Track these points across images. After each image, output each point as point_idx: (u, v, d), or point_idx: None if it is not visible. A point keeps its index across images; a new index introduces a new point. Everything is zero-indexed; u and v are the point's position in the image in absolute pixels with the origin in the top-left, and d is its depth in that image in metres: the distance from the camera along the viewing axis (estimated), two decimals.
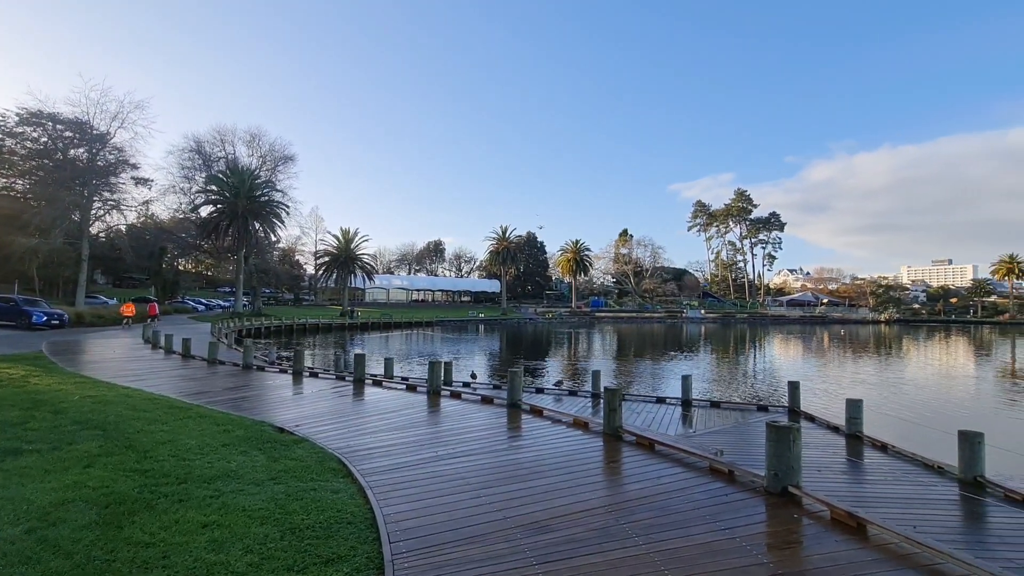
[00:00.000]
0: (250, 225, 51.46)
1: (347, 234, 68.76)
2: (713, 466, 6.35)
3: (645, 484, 5.86)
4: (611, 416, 7.91)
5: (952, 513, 6.59)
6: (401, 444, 7.54)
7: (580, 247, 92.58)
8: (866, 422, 10.59)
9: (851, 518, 4.74)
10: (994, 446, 8.31)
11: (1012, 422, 15.98)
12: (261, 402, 11.27)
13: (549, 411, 9.56)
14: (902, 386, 22.98)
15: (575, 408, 13.12)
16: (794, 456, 5.48)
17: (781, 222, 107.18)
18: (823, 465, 8.51)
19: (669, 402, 14.02)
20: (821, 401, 17.09)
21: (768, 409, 13.28)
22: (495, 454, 7.04)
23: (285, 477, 5.75)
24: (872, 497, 7.25)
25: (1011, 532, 6.01)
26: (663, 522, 4.79)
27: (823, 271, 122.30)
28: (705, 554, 4.17)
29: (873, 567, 4.05)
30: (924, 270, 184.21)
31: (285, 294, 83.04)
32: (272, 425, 8.54)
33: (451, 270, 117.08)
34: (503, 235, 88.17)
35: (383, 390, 12.56)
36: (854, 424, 10.33)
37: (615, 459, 6.93)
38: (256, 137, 62.14)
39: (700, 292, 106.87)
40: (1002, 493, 7.04)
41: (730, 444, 9.74)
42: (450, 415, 9.67)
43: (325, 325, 52.25)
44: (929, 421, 14.15)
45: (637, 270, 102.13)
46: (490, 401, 10.75)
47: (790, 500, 5.37)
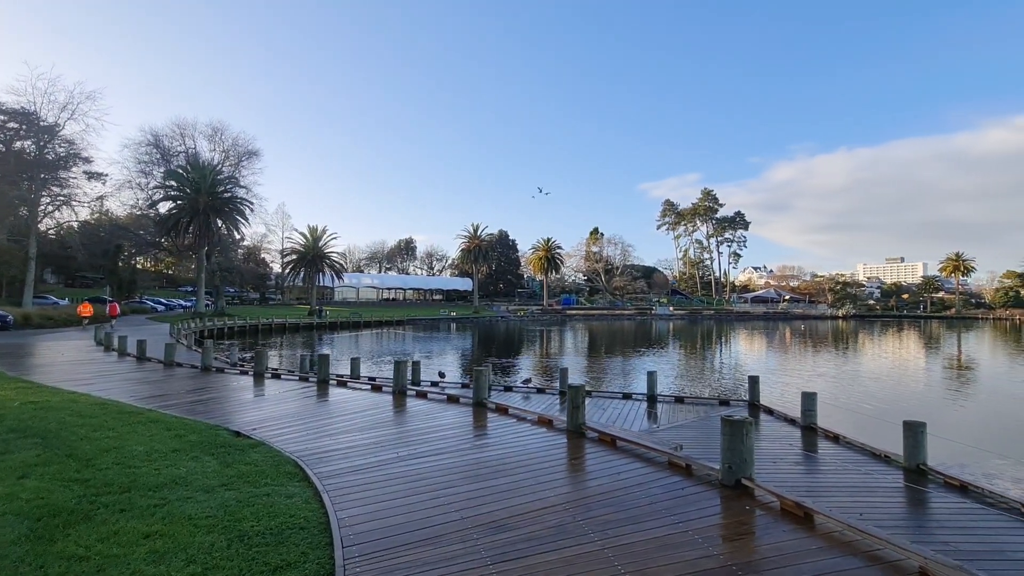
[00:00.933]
0: (212, 222, 49.78)
1: (315, 232, 67.30)
2: (672, 461, 6.46)
3: (604, 480, 5.92)
4: (574, 413, 7.96)
5: (896, 500, 6.90)
6: (362, 446, 7.41)
7: (552, 245, 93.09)
8: (821, 414, 10.97)
9: (799, 508, 4.89)
10: (936, 435, 8.72)
11: (954, 412, 16.85)
12: (219, 405, 10.91)
13: (514, 409, 9.56)
14: (857, 379, 23.95)
15: (543, 405, 13.17)
16: (747, 449, 5.63)
17: (746, 221, 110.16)
18: (778, 456, 8.79)
19: (635, 398, 14.21)
20: (781, 394, 17.66)
21: (730, 403, 13.60)
22: (458, 453, 6.99)
23: (238, 483, 5.57)
24: (823, 486, 7.52)
25: (949, 517, 6.32)
26: (620, 517, 4.84)
27: (785, 269, 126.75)
28: (658, 548, 4.23)
29: (818, 555, 4.18)
30: (879, 267, 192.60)
31: (250, 293, 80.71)
32: (228, 429, 8.27)
33: (422, 268, 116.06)
34: (475, 233, 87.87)
35: (348, 391, 12.34)
36: (809, 416, 10.70)
37: (577, 456, 6.98)
38: (218, 131, 60.18)
39: (669, 289, 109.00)
40: (942, 480, 7.40)
41: (692, 438, 9.96)
42: (415, 415, 9.57)
43: (292, 325, 51.05)
44: (880, 412, 14.80)
45: (608, 268, 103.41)
46: (456, 400, 10.69)
47: (743, 492, 5.50)
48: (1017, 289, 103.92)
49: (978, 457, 10.15)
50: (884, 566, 3.96)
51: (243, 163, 60.93)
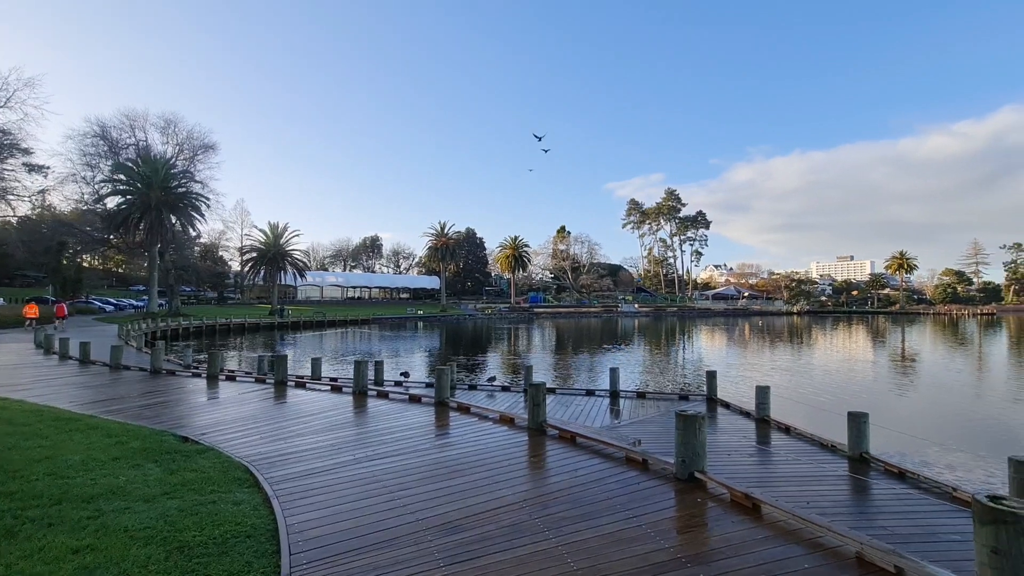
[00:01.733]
0: (165, 218, 47.66)
1: (276, 229, 65.34)
2: (629, 456, 6.55)
3: (563, 477, 5.95)
4: (535, 411, 7.98)
5: (841, 487, 7.20)
6: (318, 448, 7.22)
7: (519, 243, 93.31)
8: (774, 406, 11.37)
9: (748, 499, 5.03)
10: (878, 425, 9.17)
11: (896, 402, 17.79)
12: (167, 409, 10.43)
13: (476, 408, 9.52)
14: (809, 372, 24.98)
15: (507, 404, 13.19)
16: (700, 443, 5.75)
17: (707, 220, 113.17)
18: (733, 449, 9.05)
19: (598, 394, 14.39)
20: (738, 388, 18.21)
21: (689, 398, 13.96)
22: (416, 454, 6.90)
23: (181, 491, 5.32)
24: (774, 476, 7.79)
25: (887, 502, 6.65)
26: (575, 514, 4.87)
27: (744, 267, 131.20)
28: (612, 543, 4.27)
29: (764, 544, 4.31)
30: (831, 265, 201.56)
31: (208, 292, 77.72)
32: (175, 434, 7.92)
33: (389, 267, 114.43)
34: (442, 231, 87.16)
35: (307, 392, 12.02)
36: (762, 409, 11.07)
37: (537, 453, 6.99)
38: (171, 123, 57.56)
39: (634, 287, 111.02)
40: (882, 467, 7.79)
41: (652, 433, 10.16)
42: (375, 416, 9.40)
43: (252, 325, 49.45)
44: (829, 404, 15.45)
45: (575, 266, 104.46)
46: (418, 400, 10.56)
47: (696, 485, 5.63)
48: (954, 286, 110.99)
49: (916, 445, 10.73)
50: (824, 552, 4.12)
51: (199, 157, 58.62)
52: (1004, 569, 3.09)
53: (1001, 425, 14.26)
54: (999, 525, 3.11)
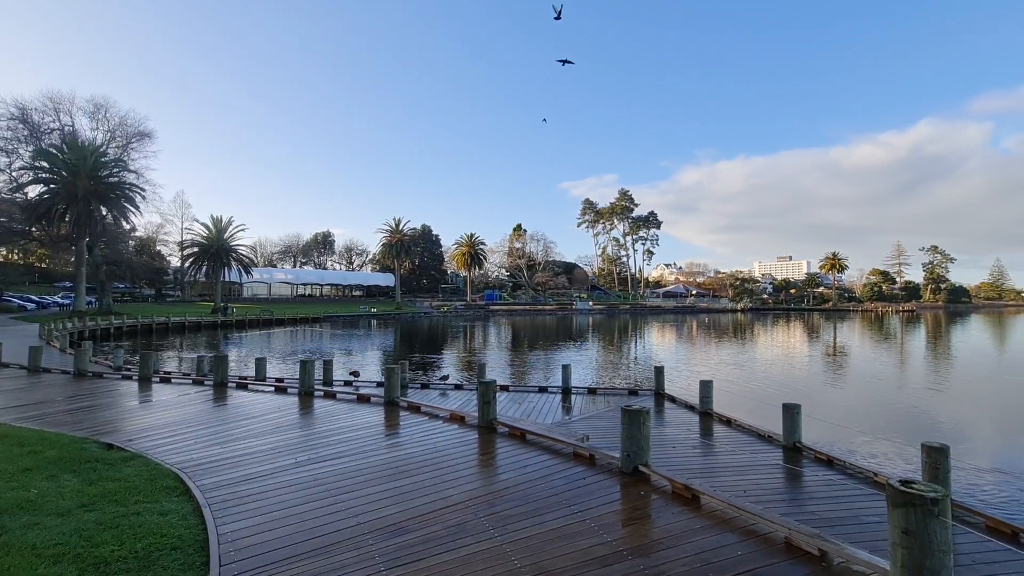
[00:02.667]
0: (95, 209, 44.38)
1: (219, 223, 62.17)
2: (576, 452, 6.63)
3: (511, 475, 5.95)
4: (485, 409, 7.95)
5: (775, 476, 7.58)
6: (258, 452, 6.91)
7: (475, 241, 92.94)
8: (717, 400, 11.83)
9: (688, 490, 5.20)
10: (810, 416, 9.71)
11: (827, 393, 18.95)
12: (92, 415, 9.71)
13: (427, 407, 9.39)
14: (750, 366, 26.21)
15: (459, 402, 13.10)
16: (644, 437, 5.89)
17: (658, 221, 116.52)
18: (678, 441, 9.36)
19: (550, 391, 14.53)
20: (685, 382, 18.85)
21: (638, 393, 14.32)
22: (363, 456, 6.72)
23: (101, 503, 4.95)
24: (715, 467, 8.10)
25: (817, 488, 7.05)
26: (521, 511, 4.87)
27: (693, 266, 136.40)
28: (556, 539, 4.30)
29: (702, 533, 4.46)
30: (771, 265, 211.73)
31: (144, 289, 73.03)
32: (99, 442, 7.38)
33: (341, 263, 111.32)
34: (396, 227, 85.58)
35: (249, 394, 11.51)
36: (706, 403, 11.49)
37: (486, 451, 6.97)
38: (102, 108, 53.53)
39: (589, 285, 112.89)
40: (813, 455, 8.25)
41: (601, 428, 10.34)
42: (321, 417, 9.10)
43: (193, 324, 46.89)
44: (767, 396, 16.25)
45: (530, 264, 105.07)
46: (367, 400, 10.31)
47: (640, 478, 5.76)
48: (880, 285, 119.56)
49: (844, 433, 11.45)
50: (757, 539, 4.30)
51: (133, 145, 54.85)
52: (913, 548, 3.32)
53: (919, 413, 15.44)
54: (909, 508, 3.33)
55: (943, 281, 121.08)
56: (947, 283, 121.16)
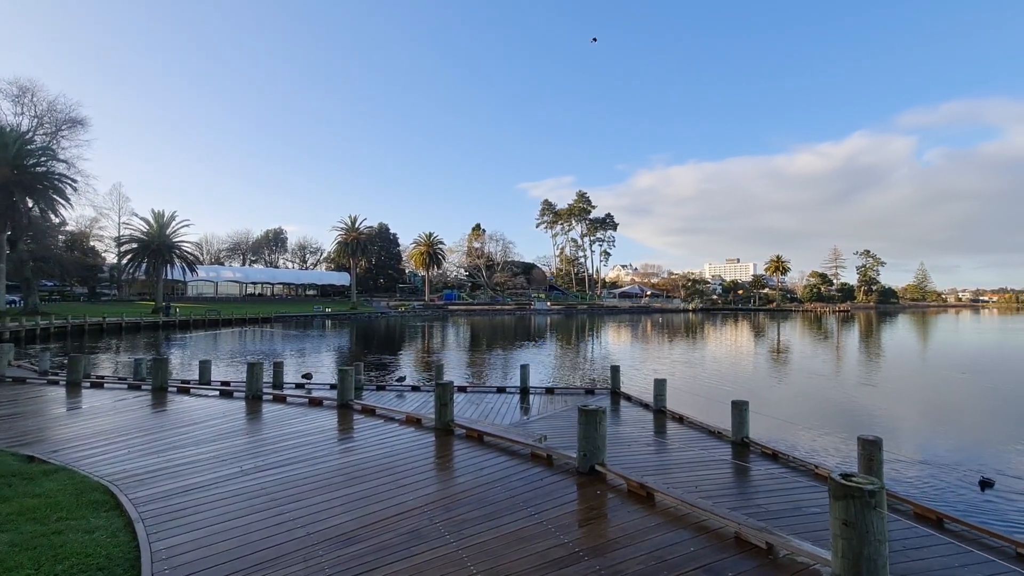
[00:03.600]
0: (19, 201, 41.05)
1: (161, 217, 58.75)
2: (534, 452, 6.62)
3: (467, 478, 5.87)
4: (442, 410, 7.83)
5: (725, 471, 7.83)
6: (200, 461, 6.52)
7: (434, 240, 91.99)
8: (670, 397, 12.15)
9: (643, 488, 5.27)
10: (757, 412, 10.11)
11: (773, 389, 19.86)
12: (10, 424, 8.90)
13: (382, 409, 9.16)
14: (702, 364, 27.13)
15: (416, 403, 12.88)
16: (600, 437, 5.94)
17: (615, 222, 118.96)
18: (633, 440, 9.53)
19: (509, 391, 14.52)
20: (641, 381, 19.28)
21: (595, 392, 14.51)
22: (313, 462, 6.46)
23: (17, 521, 4.52)
24: (668, 464, 8.29)
25: (763, 482, 7.33)
26: (478, 515, 4.80)
27: (648, 267, 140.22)
28: (513, 543, 4.25)
29: (657, 531, 4.53)
30: (721, 267, 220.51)
31: (76, 288, 68.12)
32: (18, 454, 6.77)
33: (294, 262, 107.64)
34: (352, 225, 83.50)
35: (191, 398, 10.89)
36: (660, 401, 11.78)
37: (443, 454, 6.85)
38: (27, 91, 49.41)
39: (547, 285, 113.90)
40: (760, 450, 8.58)
41: (558, 428, 10.40)
42: (269, 422, 8.71)
43: (131, 325, 44.09)
44: (717, 393, 16.85)
45: (489, 264, 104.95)
46: (319, 403, 9.97)
47: (597, 478, 5.81)
48: (819, 287, 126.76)
49: (788, 428, 12.01)
50: (709, 535, 4.41)
51: (63, 133, 51.03)
52: (852, 539, 3.47)
53: (855, 407, 16.40)
54: (849, 500, 3.48)
55: (875, 283, 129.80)
56: (878, 285, 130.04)
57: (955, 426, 13.88)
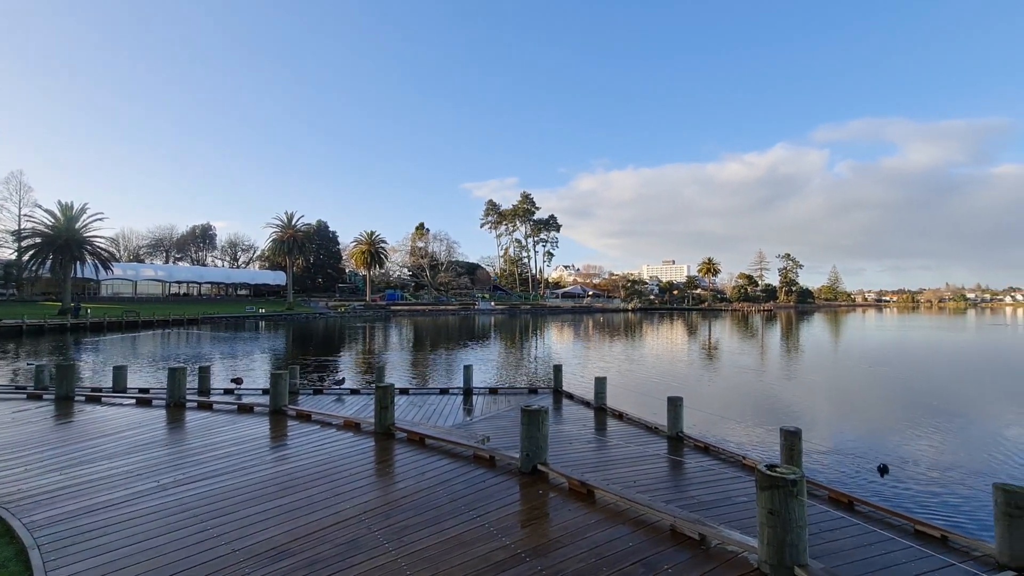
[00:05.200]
0: None
1: (69, 210, 53.53)
2: (477, 454, 6.57)
3: (408, 483, 5.73)
4: (383, 414, 7.61)
5: (661, 465, 8.11)
6: (110, 477, 5.97)
7: (375, 239, 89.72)
8: (611, 395, 12.45)
9: (583, 486, 5.36)
10: (691, 407, 10.58)
11: (706, 384, 20.89)
12: None
13: (319, 414, 8.79)
14: (641, 361, 28.11)
15: (356, 407, 12.46)
16: (542, 436, 5.98)
17: (558, 224, 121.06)
18: (575, 438, 9.68)
19: (452, 392, 14.36)
20: (583, 379, 19.69)
21: (538, 391, 14.64)
22: (242, 472, 6.08)
23: None
24: (608, 461, 8.48)
25: (696, 474, 7.66)
26: (418, 521, 4.69)
27: (589, 268, 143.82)
28: (454, 547, 4.18)
29: (597, 528, 4.61)
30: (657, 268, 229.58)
31: None
32: None
33: (225, 260, 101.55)
34: (289, 222, 79.79)
35: (103, 408, 9.99)
36: (600, 398, 12.05)
37: (383, 459, 6.66)
38: None
39: (491, 285, 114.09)
40: (693, 444, 8.97)
41: (502, 428, 10.39)
42: (193, 431, 8.13)
43: (34, 327, 39.89)
44: (655, 389, 17.50)
45: (433, 263, 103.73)
46: (250, 410, 9.43)
47: (539, 477, 5.84)
48: (746, 287, 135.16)
49: (719, 422, 12.65)
50: (646, 529, 4.54)
51: None
52: (777, 527, 3.68)
53: (778, 399, 17.54)
54: (774, 490, 3.69)
55: (794, 284, 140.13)
56: (797, 286, 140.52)
57: (862, 414, 15.16)
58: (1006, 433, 12.69)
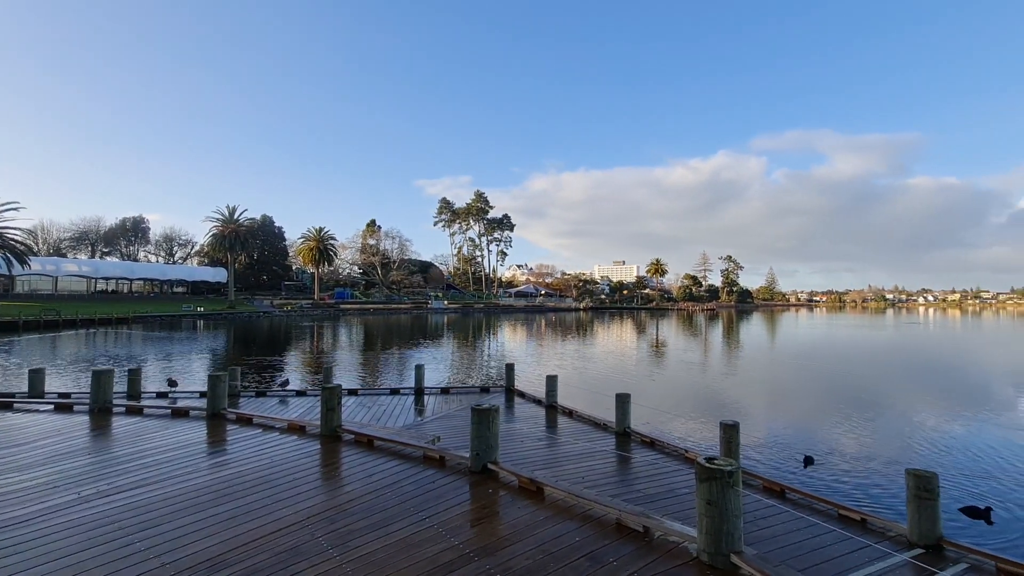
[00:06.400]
0: None
1: None
2: (427, 454, 6.50)
3: (356, 486, 5.59)
4: (329, 416, 7.40)
5: (609, 461, 8.31)
6: (22, 490, 5.49)
7: (324, 235, 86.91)
8: (561, 393, 12.63)
9: (533, 483, 5.41)
10: (638, 403, 10.90)
11: (652, 381, 21.61)
12: None
13: (261, 417, 8.44)
14: (592, 359, 28.70)
15: (302, 410, 12.03)
16: (493, 435, 6.00)
17: (511, 223, 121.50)
18: (525, 435, 9.76)
19: (403, 392, 14.15)
20: (533, 377, 19.88)
21: (490, 390, 14.66)
22: (175, 481, 5.75)
23: None
24: (558, 458, 8.60)
25: (643, 468, 7.90)
26: (365, 524, 4.59)
27: (542, 267, 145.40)
28: (402, 550, 4.12)
29: (546, 524, 4.66)
30: (608, 268, 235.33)
31: None
32: None
33: (159, 255, 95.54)
34: (231, 216, 75.98)
35: (16, 414, 9.19)
36: (551, 396, 12.21)
37: (329, 462, 6.47)
38: None
39: (444, 284, 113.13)
40: (640, 439, 9.25)
41: (453, 428, 10.33)
42: (120, 438, 7.60)
43: None
44: (604, 386, 17.92)
45: (385, 261, 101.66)
46: (185, 414, 8.92)
47: (489, 476, 5.85)
48: (690, 287, 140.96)
49: (664, 417, 13.11)
50: (593, 523, 4.64)
51: None
52: (715, 517, 3.86)
53: (720, 393, 18.38)
54: (712, 481, 3.86)
55: (735, 285, 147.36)
56: (738, 287, 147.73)
57: (795, 406, 16.14)
58: (918, 421, 13.86)
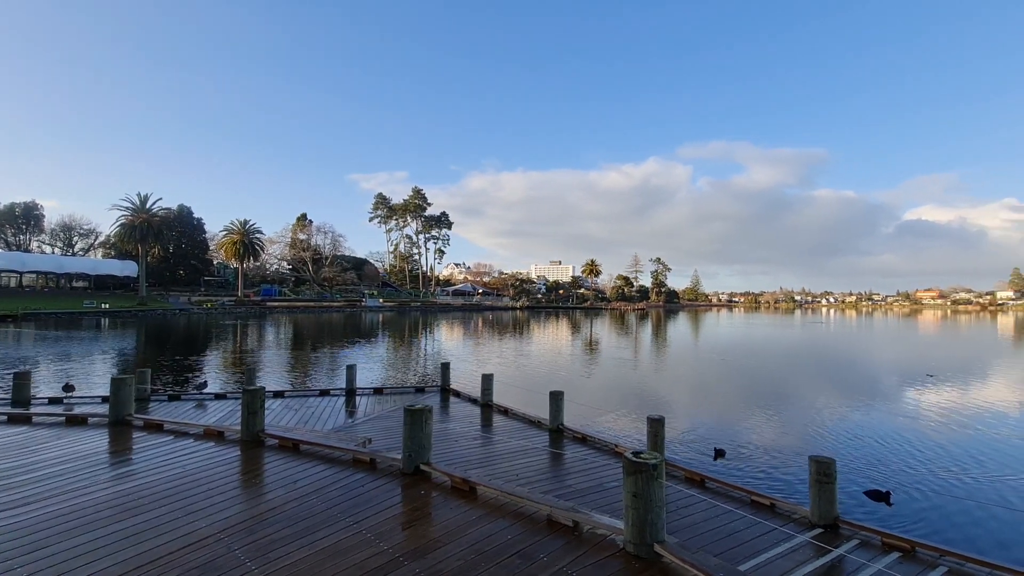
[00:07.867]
0: None
1: None
2: (357, 457, 6.31)
3: (278, 493, 5.32)
4: (251, 419, 6.99)
5: (542, 458, 8.45)
6: None
7: (250, 228, 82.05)
8: (497, 391, 12.68)
9: (465, 483, 5.39)
10: (571, 400, 11.17)
11: (585, 378, 22.24)
12: None
13: (172, 424, 7.82)
14: (528, 357, 29.07)
15: (222, 414, 11.28)
16: (426, 435, 5.92)
17: (449, 221, 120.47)
18: (460, 435, 9.71)
19: (333, 394, 13.63)
20: (470, 377, 19.82)
21: (425, 390, 14.46)
22: (69, 496, 5.20)
23: None
24: (492, 456, 8.63)
25: (574, 464, 8.10)
26: (288, 534, 4.38)
27: (479, 266, 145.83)
28: (327, 558, 3.97)
29: (478, 523, 4.66)
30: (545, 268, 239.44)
31: None
32: None
33: (56, 246, 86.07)
34: (143, 205, 69.92)
35: None
36: (487, 395, 12.24)
37: (250, 469, 6.11)
38: None
39: (380, 282, 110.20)
40: (572, 435, 9.48)
41: (386, 429, 10.09)
42: (4, 450, 6.77)
43: None
44: (539, 384, 18.21)
45: (316, 257, 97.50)
46: (83, 421, 8.10)
47: (422, 477, 5.77)
48: (623, 288, 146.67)
49: (596, 413, 13.52)
50: (524, 520, 4.69)
51: None
52: (640, 508, 4.02)
53: (649, 388, 19.22)
54: (637, 475, 4.02)
55: (664, 286, 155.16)
56: (666, 287, 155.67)
57: (716, 399, 17.19)
58: (821, 411, 15.19)
